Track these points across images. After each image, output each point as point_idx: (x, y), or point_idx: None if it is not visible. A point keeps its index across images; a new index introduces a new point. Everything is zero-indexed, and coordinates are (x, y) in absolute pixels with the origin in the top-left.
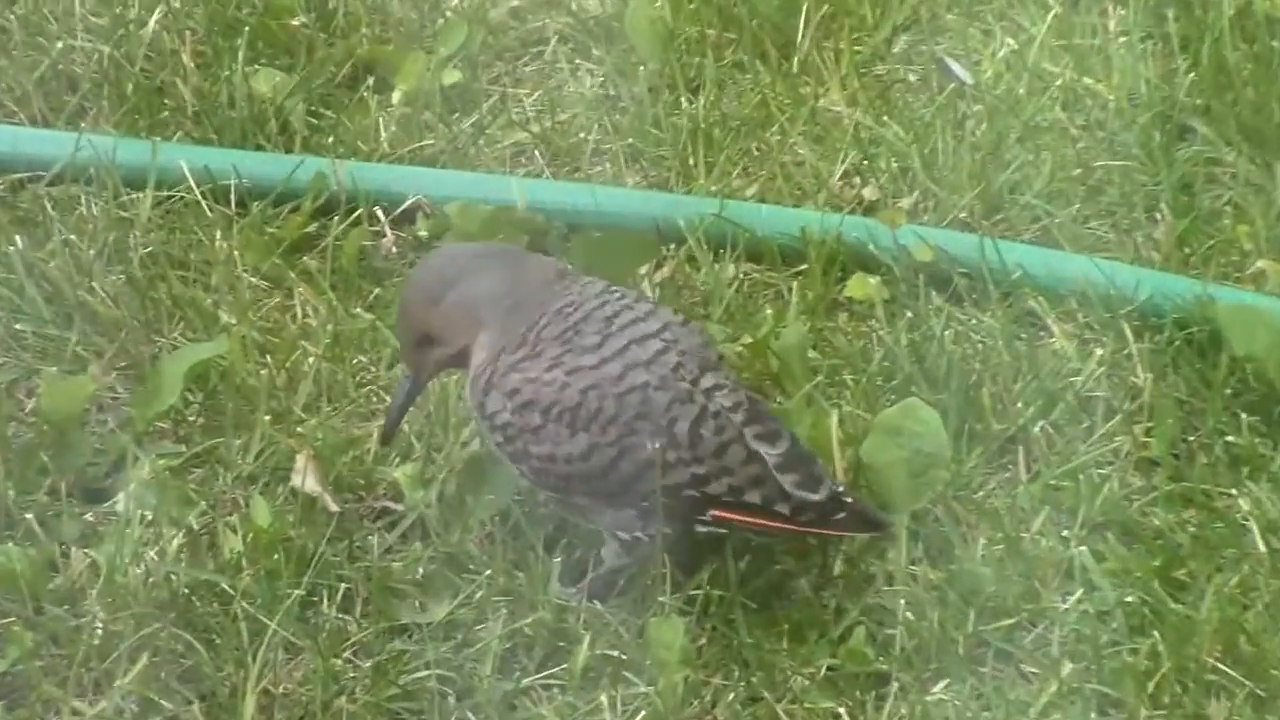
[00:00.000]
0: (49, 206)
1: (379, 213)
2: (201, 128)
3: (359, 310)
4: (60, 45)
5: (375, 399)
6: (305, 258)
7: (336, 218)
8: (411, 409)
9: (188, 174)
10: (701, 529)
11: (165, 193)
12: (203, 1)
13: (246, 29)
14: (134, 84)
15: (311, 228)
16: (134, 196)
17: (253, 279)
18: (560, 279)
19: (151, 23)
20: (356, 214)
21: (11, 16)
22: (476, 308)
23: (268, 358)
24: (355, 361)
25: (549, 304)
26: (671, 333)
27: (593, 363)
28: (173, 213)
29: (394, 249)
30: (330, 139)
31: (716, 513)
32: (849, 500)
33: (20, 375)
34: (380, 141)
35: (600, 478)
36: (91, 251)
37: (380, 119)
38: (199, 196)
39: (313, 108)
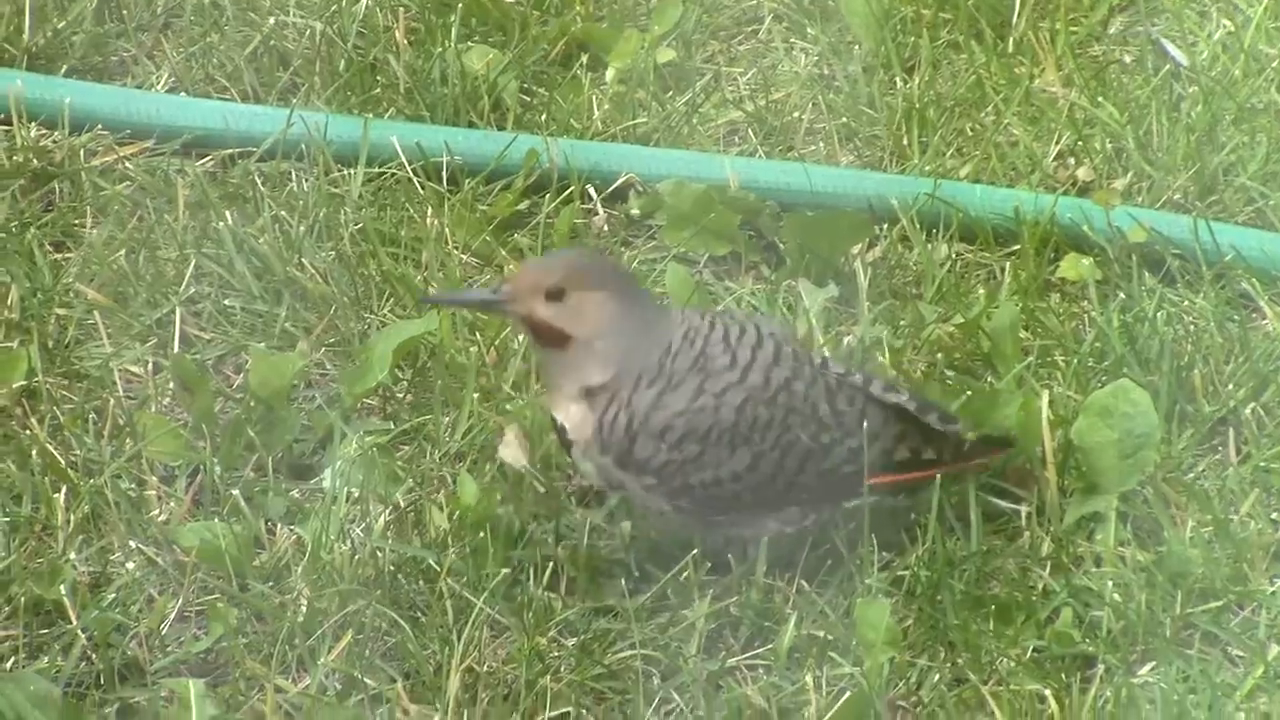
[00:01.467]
0: (260, 183)
1: (591, 191)
2: (413, 104)
3: None
4: (272, 21)
5: None
6: (516, 235)
7: (548, 195)
8: None
9: (399, 151)
10: (851, 503)
11: (376, 169)
12: None
13: (460, 5)
14: (346, 60)
15: (523, 205)
16: (345, 173)
17: (463, 256)
18: (665, 314)
19: None
20: (568, 192)
21: None
22: (609, 326)
23: (477, 335)
24: None
25: (670, 334)
26: (768, 327)
27: (736, 379)
28: (384, 189)
29: (606, 227)
30: (543, 116)
31: (873, 481)
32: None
33: (229, 351)
34: (593, 119)
35: (769, 483)
36: (302, 228)
37: (593, 97)
38: (410, 173)
39: (525, 85)
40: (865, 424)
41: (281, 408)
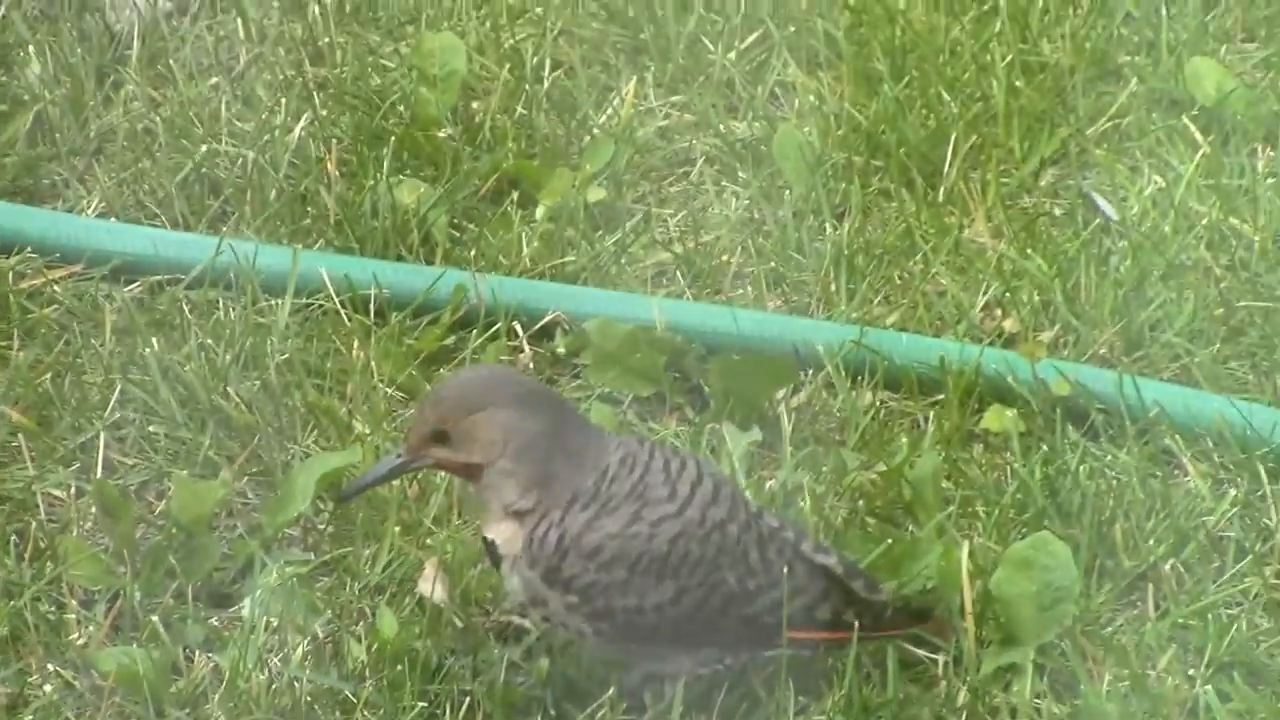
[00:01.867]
0: (187, 310)
1: (518, 328)
2: (343, 236)
3: None
4: (204, 149)
5: None
6: (443, 369)
7: (475, 331)
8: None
9: (328, 282)
10: (769, 653)
11: (304, 300)
12: (349, 110)
13: (392, 139)
14: (277, 190)
15: (450, 340)
16: (273, 303)
17: (389, 389)
18: (600, 435)
19: (297, 130)
20: (495, 328)
21: (157, 119)
22: (508, 439)
23: None
24: None
25: (605, 458)
26: (708, 466)
27: (674, 511)
28: (311, 320)
29: (530, 364)
30: (472, 252)
31: (791, 634)
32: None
33: (151, 477)
34: (522, 256)
35: (689, 620)
36: (228, 356)
37: (523, 234)
38: (338, 305)
39: (455, 220)
40: (791, 577)
41: (202, 535)
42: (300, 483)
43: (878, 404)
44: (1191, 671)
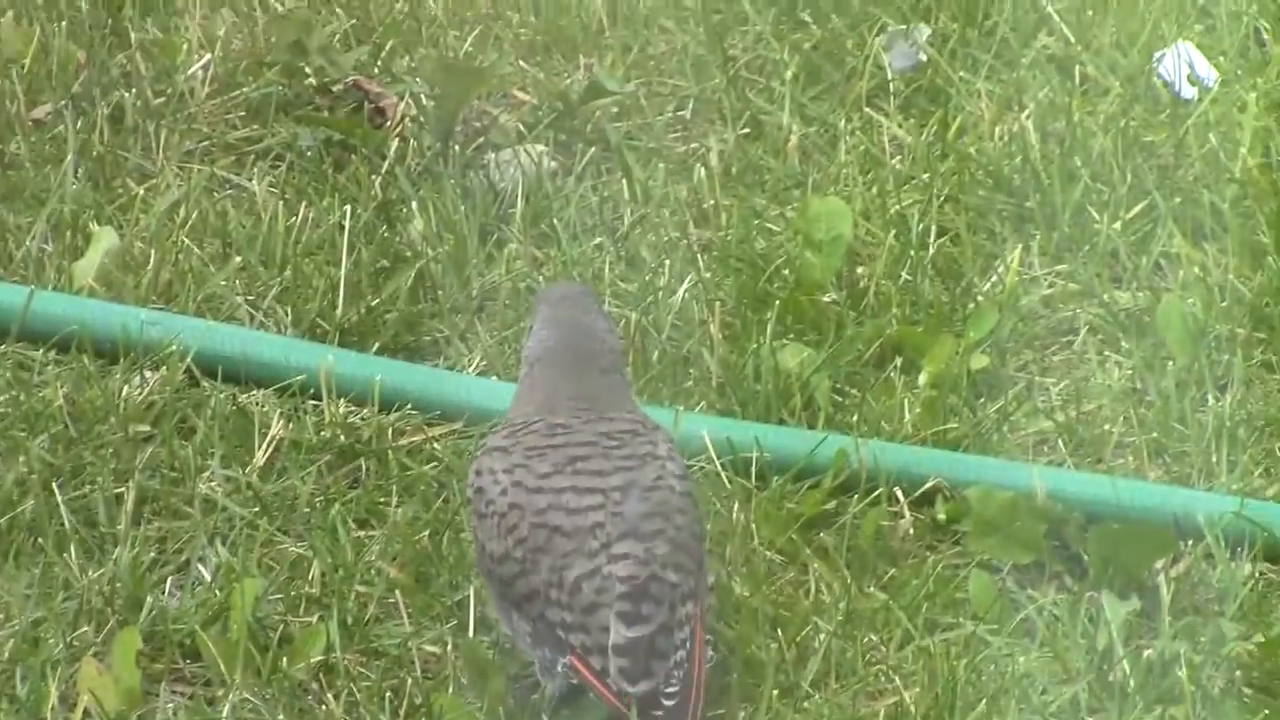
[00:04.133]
0: None
1: (898, 493)
2: (725, 399)
3: (873, 589)
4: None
5: (884, 678)
6: (822, 534)
7: (855, 496)
8: None
9: (709, 444)
10: (560, 669)
11: (686, 462)
12: (733, 273)
13: (776, 303)
14: (659, 351)
15: (830, 504)
16: None
17: (768, 552)
18: (600, 391)
19: (681, 292)
20: (876, 493)
21: (540, 278)
22: (530, 352)
23: (778, 631)
24: (865, 640)
25: (554, 416)
26: (622, 495)
27: (531, 486)
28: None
29: (911, 530)
30: (854, 417)
31: (573, 660)
32: (670, 705)
33: None
34: (904, 422)
35: (507, 584)
36: None
37: (905, 400)
38: (719, 467)
39: (838, 385)
40: (589, 612)
41: (580, 697)
42: None
43: (1257, 574)
44: None
